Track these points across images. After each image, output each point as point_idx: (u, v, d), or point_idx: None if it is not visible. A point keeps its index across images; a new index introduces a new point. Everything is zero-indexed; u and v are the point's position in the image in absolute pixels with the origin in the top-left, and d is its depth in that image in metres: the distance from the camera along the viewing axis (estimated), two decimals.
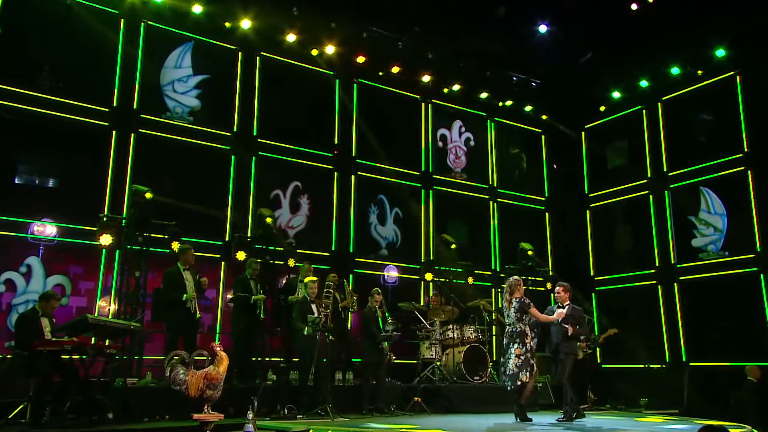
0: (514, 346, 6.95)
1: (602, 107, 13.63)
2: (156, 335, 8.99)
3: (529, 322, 7.08)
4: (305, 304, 7.75)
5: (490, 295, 12.64)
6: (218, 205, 10.29)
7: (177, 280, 7.81)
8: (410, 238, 12.45)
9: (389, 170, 12.29)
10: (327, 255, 11.28)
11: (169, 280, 7.90)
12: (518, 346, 6.93)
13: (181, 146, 10.07)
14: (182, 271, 7.91)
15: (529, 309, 7.03)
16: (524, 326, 7.01)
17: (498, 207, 13.64)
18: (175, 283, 7.79)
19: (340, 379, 8.77)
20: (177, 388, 5.59)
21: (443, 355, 9.80)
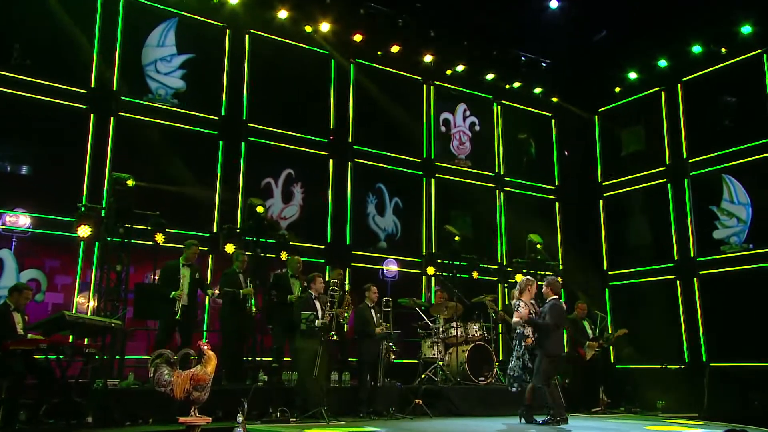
0: (515, 348, 7.04)
1: (617, 89, 13.57)
2: (139, 333, 8.98)
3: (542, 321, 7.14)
4: (309, 301, 7.72)
5: (496, 291, 12.64)
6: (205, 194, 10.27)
7: (172, 275, 7.79)
8: (411, 230, 12.45)
9: (388, 157, 12.28)
10: (322, 248, 11.28)
11: (164, 274, 7.94)
12: (518, 348, 7.02)
13: (165, 131, 10.02)
14: (181, 266, 7.93)
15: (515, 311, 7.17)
16: (524, 329, 7.06)
17: (505, 196, 13.62)
18: (169, 277, 7.78)
19: (336, 380, 8.78)
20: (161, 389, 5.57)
21: (446, 354, 9.82)
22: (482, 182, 13.46)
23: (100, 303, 8.01)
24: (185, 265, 7.94)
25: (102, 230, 8.16)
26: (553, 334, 7.16)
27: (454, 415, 8.61)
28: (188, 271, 7.95)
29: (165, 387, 5.58)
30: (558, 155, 14.52)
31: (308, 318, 7.44)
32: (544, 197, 14.13)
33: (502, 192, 13.62)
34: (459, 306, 9.89)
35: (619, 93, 13.62)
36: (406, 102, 12.73)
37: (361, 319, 8.34)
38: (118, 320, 7.26)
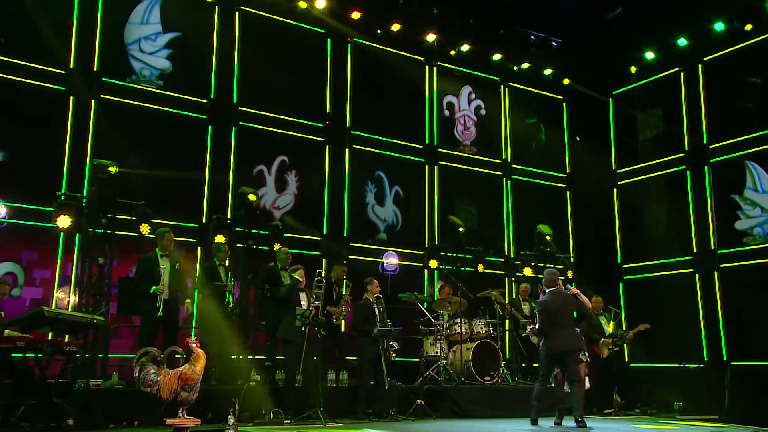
0: None
1: (633, 69, 13.50)
2: (123, 331, 8.97)
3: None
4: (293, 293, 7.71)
5: (503, 285, 12.64)
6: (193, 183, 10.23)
7: (150, 268, 7.75)
8: (412, 221, 12.44)
9: (388, 143, 12.24)
10: (318, 239, 11.27)
11: (141, 267, 7.87)
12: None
13: (150, 114, 9.97)
14: (159, 257, 7.85)
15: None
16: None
17: (512, 185, 13.60)
18: (148, 270, 7.75)
19: (333, 379, 8.78)
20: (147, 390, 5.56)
21: (450, 352, 9.82)
22: (488, 170, 13.43)
23: (82, 298, 7.97)
24: (163, 256, 7.86)
25: (83, 221, 8.11)
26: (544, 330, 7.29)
27: (458, 416, 8.62)
28: (167, 263, 7.86)
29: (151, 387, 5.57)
30: (569, 141, 14.48)
31: (303, 314, 7.42)
32: (554, 186, 14.11)
33: (510, 180, 13.59)
34: (463, 301, 9.88)
35: (635, 74, 13.55)
36: (408, 84, 12.68)
37: (362, 316, 8.33)
38: (100, 316, 7.23)
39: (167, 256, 7.91)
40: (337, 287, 9.26)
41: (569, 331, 7.35)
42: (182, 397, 5.56)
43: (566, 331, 7.34)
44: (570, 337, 7.30)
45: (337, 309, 9.06)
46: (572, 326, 7.36)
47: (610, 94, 14.19)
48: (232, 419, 5.81)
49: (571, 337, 7.31)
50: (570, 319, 7.39)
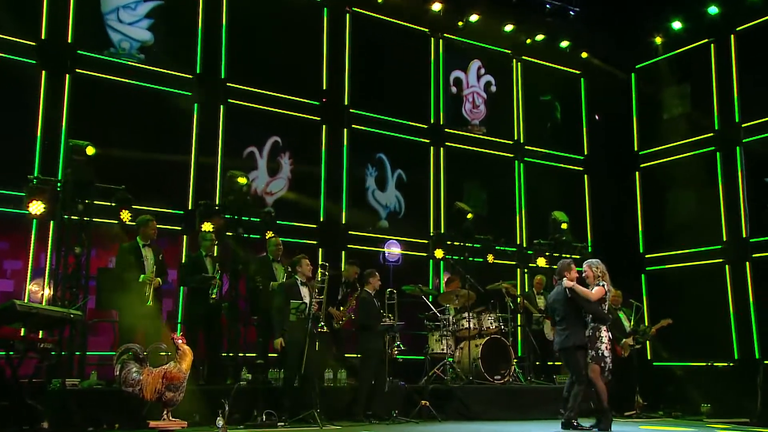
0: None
1: (658, 41, 13.38)
2: (102, 326, 8.96)
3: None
4: (293, 287, 7.69)
5: (515, 277, 12.63)
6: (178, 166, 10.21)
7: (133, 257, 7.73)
8: (416, 207, 12.43)
9: (390, 123, 12.21)
10: (314, 227, 11.27)
11: (122, 257, 7.83)
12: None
13: (130, 91, 9.92)
14: (141, 246, 7.84)
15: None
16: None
17: (525, 168, 13.57)
18: (131, 260, 7.72)
19: (331, 378, 8.77)
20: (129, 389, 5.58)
21: (457, 349, 9.83)
22: (499, 152, 13.41)
23: (57, 291, 7.95)
24: (146, 246, 7.84)
25: (58, 207, 8.08)
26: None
27: (466, 418, 8.63)
28: (150, 252, 7.85)
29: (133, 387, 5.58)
30: (587, 120, 14.44)
31: (298, 308, 7.41)
32: (570, 169, 14.08)
33: (522, 163, 13.57)
34: (472, 294, 9.88)
35: (660, 46, 13.45)
36: (411, 58, 12.66)
37: (367, 312, 8.33)
38: (77, 311, 7.21)
39: (150, 246, 7.88)
40: (345, 288, 9.26)
41: (561, 327, 7.40)
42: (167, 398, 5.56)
43: (559, 327, 7.46)
44: (560, 334, 7.35)
45: (340, 313, 9.04)
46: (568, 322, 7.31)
47: (633, 69, 14.10)
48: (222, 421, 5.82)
49: (561, 334, 7.35)
50: (565, 315, 7.33)
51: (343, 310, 9.09)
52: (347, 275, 9.41)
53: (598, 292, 7.18)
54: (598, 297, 7.17)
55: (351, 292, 9.17)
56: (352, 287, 9.23)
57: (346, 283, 9.36)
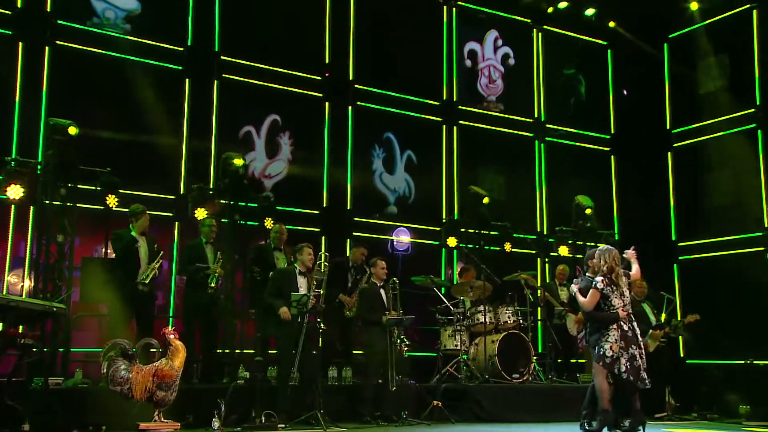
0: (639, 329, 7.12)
1: (694, 7, 13.23)
2: (87, 320, 9.00)
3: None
4: (290, 276, 7.71)
5: (535, 267, 12.61)
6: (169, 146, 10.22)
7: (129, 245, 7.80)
8: (427, 191, 12.42)
9: (399, 99, 12.19)
10: (316, 213, 11.29)
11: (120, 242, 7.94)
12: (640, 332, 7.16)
13: (116, 65, 9.90)
14: (135, 235, 8.01)
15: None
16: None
17: (546, 148, 13.54)
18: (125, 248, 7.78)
19: (335, 376, 8.81)
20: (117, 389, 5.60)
21: (471, 345, 9.82)
22: (518, 131, 13.38)
23: (38, 282, 8.00)
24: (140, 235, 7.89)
25: (38, 191, 8.10)
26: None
27: (482, 420, 8.64)
28: (144, 241, 7.90)
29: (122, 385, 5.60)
30: (615, 95, 14.36)
31: (300, 300, 7.41)
32: (596, 149, 14.05)
33: (543, 143, 13.54)
34: (488, 285, 9.86)
35: (695, 13, 13.29)
36: (422, 29, 12.63)
37: (367, 303, 8.33)
38: (60, 303, 7.22)
39: (143, 234, 7.98)
40: (354, 273, 9.25)
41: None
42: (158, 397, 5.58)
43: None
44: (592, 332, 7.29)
45: (351, 299, 9.03)
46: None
47: (665, 39, 13.97)
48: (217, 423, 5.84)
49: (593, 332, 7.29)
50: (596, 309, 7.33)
51: (354, 297, 9.08)
52: (354, 259, 9.41)
53: (589, 300, 7.03)
54: (590, 305, 7.05)
55: (360, 277, 9.17)
56: (361, 271, 9.23)
57: (354, 267, 9.35)
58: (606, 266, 7.08)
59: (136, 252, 7.93)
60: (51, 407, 6.70)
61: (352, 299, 9.09)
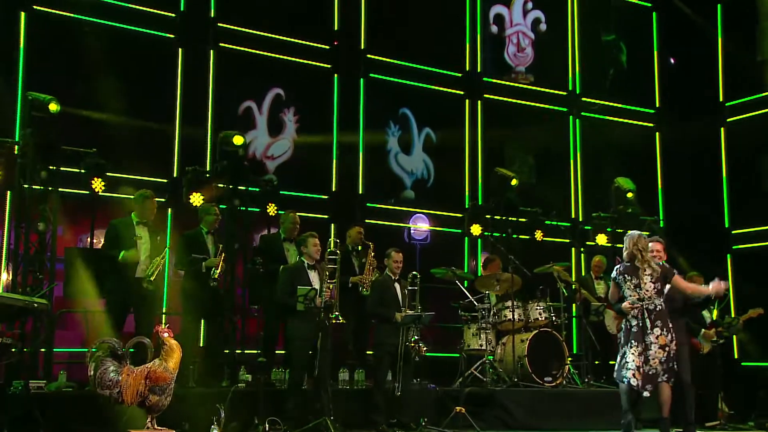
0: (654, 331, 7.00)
1: None
2: (71, 318, 9.07)
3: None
4: (300, 271, 7.70)
5: (569, 258, 12.61)
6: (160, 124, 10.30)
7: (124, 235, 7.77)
8: (448, 173, 12.46)
9: (417, 71, 12.21)
10: (325, 198, 11.34)
11: (114, 232, 7.87)
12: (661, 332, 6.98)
13: (101, 33, 9.91)
14: (135, 225, 7.89)
15: (673, 276, 7.15)
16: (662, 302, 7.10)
17: (582, 124, 13.53)
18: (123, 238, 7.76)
19: (346, 379, 8.83)
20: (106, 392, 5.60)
21: (498, 345, 9.83)
22: (550, 105, 13.38)
23: (17, 275, 8.04)
24: (140, 224, 7.86)
25: (16, 174, 8.08)
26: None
27: (510, 428, 8.63)
28: (145, 232, 7.86)
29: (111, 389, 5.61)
30: (660, 64, 14.28)
31: (307, 295, 7.41)
32: (639, 125, 14.02)
33: (579, 119, 13.53)
34: (516, 279, 9.85)
35: None
36: None
37: (380, 298, 8.32)
38: (42, 299, 7.25)
39: (145, 225, 7.92)
40: (356, 255, 9.25)
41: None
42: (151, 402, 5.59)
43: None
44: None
45: (363, 277, 9.03)
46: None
47: None
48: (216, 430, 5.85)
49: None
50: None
51: (366, 273, 9.05)
52: (353, 241, 9.38)
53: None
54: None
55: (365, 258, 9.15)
56: (365, 252, 9.20)
57: (356, 250, 9.31)
58: (626, 253, 7.10)
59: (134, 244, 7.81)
60: (32, 414, 6.71)
61: (364, 277, 9.04)
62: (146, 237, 7.89)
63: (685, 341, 7.66)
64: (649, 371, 6.88)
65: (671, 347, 6.94)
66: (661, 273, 7.06)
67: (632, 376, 6.91)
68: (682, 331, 7.53)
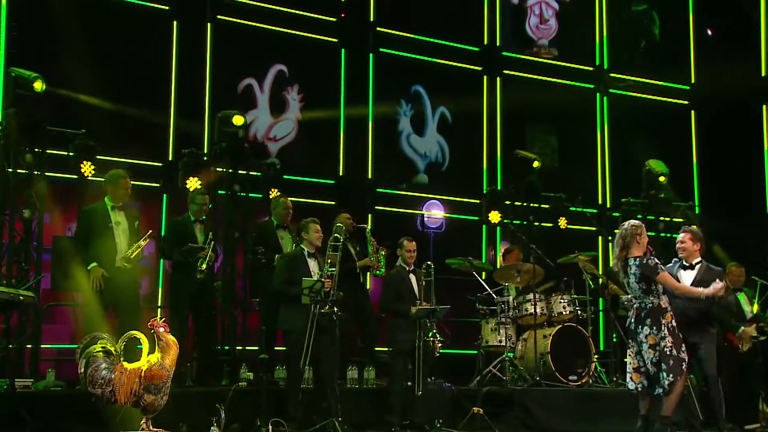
0: (644, 330, 6.99)
1: None
2: (60, 312, 9.11)
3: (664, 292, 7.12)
4: (299, 260, 7.70)
5: (595, 248, 12.59)
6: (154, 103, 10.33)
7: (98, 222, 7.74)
8: (465, 156, 12.49)
9: (430, 45, 12.21)
10: (331, 184, 11.40)
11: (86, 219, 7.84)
12: (650, 330, 6.94)
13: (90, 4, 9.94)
14: (109, 210, 7.82)
15: (657, 275, 7.01)
16: (657, 299, 7.04)
17: (610, 102, 13.52)
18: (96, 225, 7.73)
19: (356, 378, 8.85)
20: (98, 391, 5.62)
21: (519, 341, 9.85)
22: (575, 81, 13.35)
23: (1, 266, 8.04)
24: (115, 209, 7.81)
25: None
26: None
27: (531, 430, 8.64)
28: (122, 217, 7.81)
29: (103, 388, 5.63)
30: (696, 36, 14.22)
31: (312, 286, 7.40)
32: (672, 103, 14.00)
33: (607, 96, 13.51)
34: (538, 269, 9.84)
35: None
36: None
37: (395, 292, 8.31)
38: (28, 291, 7.30)
39: (121, 209, 7.87)
40: (354, 243, 9.23)
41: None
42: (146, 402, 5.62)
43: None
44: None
45: (371, 260, 9.05)
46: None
47: None
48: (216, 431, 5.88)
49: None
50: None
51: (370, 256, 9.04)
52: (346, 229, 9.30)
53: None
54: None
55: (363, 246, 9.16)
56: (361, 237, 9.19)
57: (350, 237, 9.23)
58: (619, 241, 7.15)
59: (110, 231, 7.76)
60: (18, 414, 6.72)
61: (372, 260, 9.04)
62: (124, 222, 7.79)
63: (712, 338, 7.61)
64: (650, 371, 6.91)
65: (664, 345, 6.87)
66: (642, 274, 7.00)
67: (630, 379, 7.01)
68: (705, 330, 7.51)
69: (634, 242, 7.10)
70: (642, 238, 7.16)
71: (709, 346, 7.52)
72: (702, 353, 7.43)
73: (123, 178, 7.88)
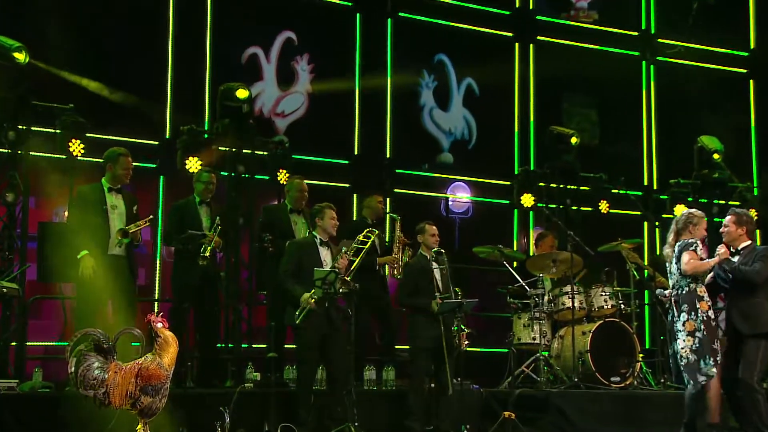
0: (681, 317, 7.05)
1: None
2: (48, 306, 9.18)
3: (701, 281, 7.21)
4: (310, 247, 7.73)
5: (641, 234, 12.57)
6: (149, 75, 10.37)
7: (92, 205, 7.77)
8: (494, 133, 12.50)
9: (456, 8, 12.21)
10: (345, 164, 11.42)
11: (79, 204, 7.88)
12: (689, 316, 7.01)
13: None
14: (106, 192, 7.86)
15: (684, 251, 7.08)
16: (694, 284, 7.09)
17: (657, 72, 13.46)
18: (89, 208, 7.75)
19: (373, 379, 8.89)
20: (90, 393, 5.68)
21: (555, 338, 9.85)
22: (618, 48, 13.30)
23: None
24: (112, 190, 7.85)
25: None
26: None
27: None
28: (120, 201, 7.86)
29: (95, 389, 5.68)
30: None
31: (325, 278, 7.42)
32: (728, 72, 13.95)
33: (654, 64, 13.48)
34: (577, 259, 9.81)
35: None
36: None
37: (414, 285, 8.32)
38: (12, 283, 7.37)
39: (118, 192, 7.91)
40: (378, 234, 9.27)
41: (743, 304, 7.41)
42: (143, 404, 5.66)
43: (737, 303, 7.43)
44: (741, 314, 7.36)
45: (392, 257, 9.08)
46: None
47: None
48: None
49: (743, 313, 7.35)
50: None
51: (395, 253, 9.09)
52: (374, 213, 9.35)
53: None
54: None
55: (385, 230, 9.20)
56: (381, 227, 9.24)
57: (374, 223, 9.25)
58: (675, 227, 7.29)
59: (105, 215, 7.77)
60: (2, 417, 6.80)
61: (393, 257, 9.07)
62: (120, 206, 7.82)
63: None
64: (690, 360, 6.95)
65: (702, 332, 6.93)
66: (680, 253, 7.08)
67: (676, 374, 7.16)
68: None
69: (686, 231, 7.13)
70: (696, 228, 7.17)
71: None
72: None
73: (124, 156, 7.90)
